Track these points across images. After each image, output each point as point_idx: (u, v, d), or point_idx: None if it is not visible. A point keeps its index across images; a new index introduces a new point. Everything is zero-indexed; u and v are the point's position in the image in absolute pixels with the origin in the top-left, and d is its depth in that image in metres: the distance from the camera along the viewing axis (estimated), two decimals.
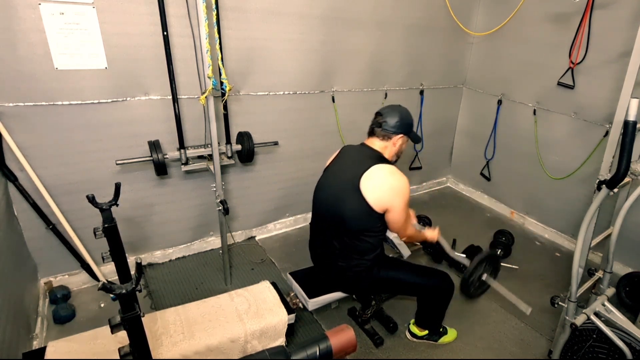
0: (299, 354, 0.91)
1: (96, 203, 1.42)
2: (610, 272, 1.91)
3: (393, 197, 1.69)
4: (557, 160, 3.05)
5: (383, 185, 1.68)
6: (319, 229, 1.93)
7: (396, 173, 1.72)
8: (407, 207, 1.77)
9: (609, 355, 1.80)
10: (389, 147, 1.85)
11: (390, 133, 1.82)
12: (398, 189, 1.70)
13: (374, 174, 1.70)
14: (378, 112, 1.88)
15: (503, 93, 3.36)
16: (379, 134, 1.84)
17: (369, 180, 1.68)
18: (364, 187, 1.68)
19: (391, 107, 1.88)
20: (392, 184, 1.69)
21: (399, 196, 1.70)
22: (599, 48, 2.64)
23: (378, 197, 1.68)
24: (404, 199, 1.72)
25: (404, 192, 1.71)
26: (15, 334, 1.72)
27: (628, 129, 1.42)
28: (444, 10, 3.20)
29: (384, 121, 1.82)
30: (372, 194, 1.67)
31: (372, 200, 1.67)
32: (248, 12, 2.36)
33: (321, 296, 1.93)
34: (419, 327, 2.13)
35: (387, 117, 1.82)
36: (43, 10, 1.85)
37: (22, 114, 1.96)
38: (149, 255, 2.62)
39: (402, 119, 1.83)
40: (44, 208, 2.12)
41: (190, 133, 2.39)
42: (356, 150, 1.88)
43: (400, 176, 1.72)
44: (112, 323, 1.11)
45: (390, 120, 1.81)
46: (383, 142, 1.84)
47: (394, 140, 1.84)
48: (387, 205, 1.70)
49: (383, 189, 1.68)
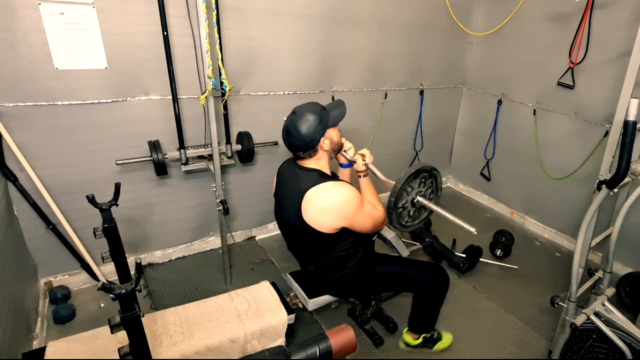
0: (299, 354, 0.92)
1: (96, 203, 1.41)
2: (610, 272, 1.91)
3: (337, 216, 1.56)
4: (557, 160, 3.05)
5: (323, 209, 1.55)
6: (295, 253, 1.93)
7: (332, 190, 1.56)
8: (361, 211, 1.61)
9: (609, 355, 1.80)
10: (321, 156, 1.68)
11: (313, 147, 1.63)
12: (338, 207, 1.55)
13: (310, 200, 1.55)
14: (284, 138, 1.68)
15: (503, 93, 3.36)
16: (304, 156, 1.67)
17: (308, 208, 1.55)
18: (308, 217, 1.56)
19: (289, 122, 1.65)
20: (330, 206, 1.55)
21: (343, 213, 1.56)
22: (599, 48, 2.64)
23: (324, 222, 1.56)
24: (351, 210, 1.57)
25: (346, 204, 1.56)
26: (15, 334, 1.72)
27: (628, 129, 1.42)
28: (443, 10, 3.20)
29: (297, 144, 1.63)
30: (317, 220, 1.56)
31: (321, 227, 1.57)
32: (248, 12, 2.36)
33: (321, 296, 1.93)
34: (413, 332, 2.08)
35: (295, 139, 1.62)
36: (43, 10, 1.85)
37: (22, 114, 1.96)
38: (149, 255, 2.62)
39: (309, 126, 1.60)
40: (44, 208, 2.12)
41: (190, 133, 2.39)
42: (290, 175, 1.72)
43: (335, 192, 1.55)
44: (112, 323, 1.11)
45: (299, 140, 1.61)
46: (313, 158, 1.67)
47: (321, 147, 1.65)
48: (339, 225, 1.58)
49: (325, 212, 1.55)
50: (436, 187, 1.80)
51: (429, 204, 1.71)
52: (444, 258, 2.70)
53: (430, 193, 1.78)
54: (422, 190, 1.73)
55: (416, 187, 1.71)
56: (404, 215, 1.73)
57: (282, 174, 1.79)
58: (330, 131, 1.67)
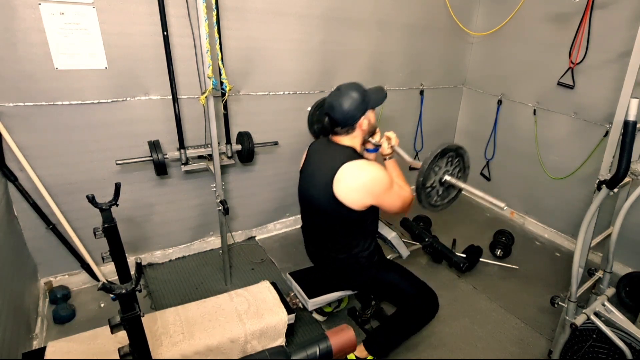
0: (299, 354, 0.92)
1: (96, 203, 1.41)
2: (610, 272, 1.91)
3: (368, 194, 1.60)
4: (557, 160, 3.05)
5: (355, 186, 1.58)
6: (310, 232, 1.91)
7: (366, 168, 1.61)
8: (390, 191, 1.64)
9: (609, 355, 1.80)
10: (356, 135, 1.71)
11: (352, 124, 1.67)
12: (369, 185, 1.59)
13: (344, 176, 1.59)
14: (325, 112, 1.70)
15: (503, 93, 3.36)
16: (340, 132, 1.69)
17: (340, 183, 1.59)
18: (338, 191, 1.59)
19: (333, 97, 1.67)
20: (362, 183, 1.58)
21: (374, 191, 1.60)
22: (599, 48, 2.64)
23: (354, 198, 1.60)
24: (381, 189, 1.61)
25: (377, 183, 1.60)
26: (15, 334, 1.72)
27: (628, 129, 1.43)
28: (444, 10, 3.20)
29: (337, 119, 1.65)
30: (348, 196, 1.59)
31: (350, 202, 1.60)
32: (248, 12, 2.36)
33: (321, 296, 1.93)
34: (368, 349, 1.94)
35: (336, 113, 1.64)
36: (43, 10, 1.85)
37: (22, 114, 1.96)
38: (149, 255, 2.62)
39: (352, 102, 1.63)
40: (44, 208, 2.12)
41: (190, 133, 2.39)
42: (324, 150, 1.75)
43: (367, 170, 1.60)
44: (112, 323, 1.11)
45: (341, 115, 1.63)
46: (349, 135, 1.70)
47: (359, 126, 1.69)
48: (368, 202, 1.62)
49: (356, 189, 1.59)
50: (463, 166, 1.79)
51: (457, 182, 1.71)
52: (444, 258, 2.70)
53: (457, 172, 1.77)
54: (449, 169, 1.71)
55: (443, 166, 1.69)
56: (432, 194, 1.72)
57: (314, 150, 1.82)
58: (370, 112, 1.71)
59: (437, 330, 2.23)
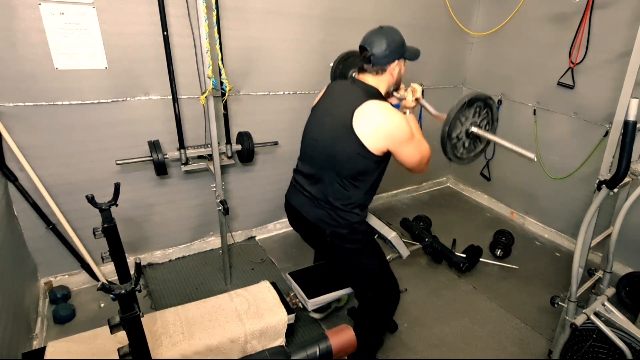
0: (299, 354, 0.92)
1: (96, 203, 1.42)
2: (610, 272, 1.91)
3: (388, 138, 1.54)
4: (557, 160, 3.05)
5: (376, 125, 1.53)
6: (307, 173, 1.77)
7: (391, 111, 1.55)
8: (411, 141, 1.58)
9: (609, 355, 1.80)
10: (384, 79, 1.67)
11: (384, 64, 1.63)
12: (392, 129, 1.54)
13: (367, 111, 1.53)
14: (361, 45, 1.65)
15: (503, 93, 3.36)
16: (370, 70, 1.64)
17: (362, 118, 1.52)
18: (357, 125, 1.52)
19: (373, 33, 1.64)
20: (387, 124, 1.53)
21: (395, 136, 1.54)
22: (599, 48, 2.64)
23: (373, 138, 1.54)
24: (403, 137, 1.55)
25: (400, 129, 1.55)
26: (15, 334, 1.72)
27: (628, 129, 1.43)
28: (444, 10, 3.20)
29: (371, 55, 1.60)
30: (367, 134, 1.53)
31: (367, 141, 1.54)
32: (248, 12, 2.36)
33: (321, 296, 1.93)
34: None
35: (373, 48, 1.59)
36: (43, 10, 1.85)
37: (22, 114, 1.96)
38: (149, 255, 2.62)
39: (392, 43, 1.61)
40: (44, 208, 2.12)
41: (190, 133, 2.39)
42: (347, 86, 1.70)
43: (392, 114, 1.54)
44: (111, 323, 1.11)
45: (378, 51, 1.59)
46: (377, 76, 1.65)
47: (390, 71, 1.66)
48: (385, 147, 1.55)
49: (377, 129, 1.53)
50: (492, 118, 1.71)
51: (484, 133, 1.62)
52: (444, 258, 2.70)
53: (485, 125, 1.68)
54: (476, 121, 1.63)
55: (470, 116, 1.60)
56: (458, 146, 1.64)
57: (334, 87, 1.77)
58: (402, 63, 1.70)
59: (437, 330, 2.23)
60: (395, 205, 3.67)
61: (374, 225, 1.91)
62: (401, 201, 3.75)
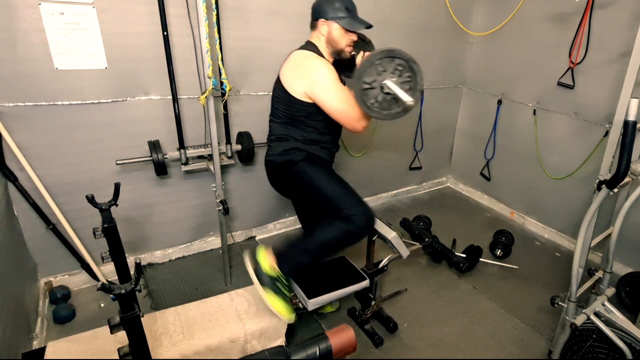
0: (299, 354, 0.92)
1: (95, 203, 1.41)
2: (610, 272, 1.91)
3: (304, 78, 1.61)
4: (557, 160, 3.05)
5: (295, 67, 1.65)
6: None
7: (312, 56, 1.62)
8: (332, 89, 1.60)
9: (609, 356, 1.80)
10: (316, 36, 1.79)
11: (312, 19, 1.75)
12: (310, 70, 1.61)
13: (291, 58, 1.69)
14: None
15: (503, 93, 3.36)
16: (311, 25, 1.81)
17: (285, 65, 1.69)
18: (281, 72, 1.70)
19: None
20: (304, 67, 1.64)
21: (312, 78, 1.59)
22: (599, 48, 2.64)
23: (291, 80, 1.64)
24: (320, 80, 1.59)
25: (318, 72, 1.59)
26: (15, 334, 1.72)
27: (628, 129, 1.43)
28: (444, 10, 3.20)
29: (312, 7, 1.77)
30: (286, 78, 1.66)
31: (287, 84, 1.64)
32: (248, 12, 2.36)
33: (321, 296, 1.93)
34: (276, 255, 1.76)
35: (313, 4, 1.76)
36: (43, 10, 1.85)
37: (22, 114, 1.96)
38: (149, 255, 2.62)
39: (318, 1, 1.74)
40: (44, 208, 2.12)
41: (190, 133, 2.39)
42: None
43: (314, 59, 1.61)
44: (111, 323, 1.11)
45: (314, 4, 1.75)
46: (312, 32, 1.81)
47: (318, 28, 1.76)
48: (302, 89, 1.64)
49: (294, 70, 1.65)
50: (415, 84, 1.62)
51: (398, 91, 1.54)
52: (444, 258, 2.70)
53: (407, 89, 1.62)
54: (395, 79, 1.59)
55: (389, 70, 1.57)
56: (370, 94, 1.59)
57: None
58: (335, 27, 1.73)
59: (437, 330, 2.23)
60: (395, 205, 3.67)
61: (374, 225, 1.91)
62: (401, 201, 3.75)
